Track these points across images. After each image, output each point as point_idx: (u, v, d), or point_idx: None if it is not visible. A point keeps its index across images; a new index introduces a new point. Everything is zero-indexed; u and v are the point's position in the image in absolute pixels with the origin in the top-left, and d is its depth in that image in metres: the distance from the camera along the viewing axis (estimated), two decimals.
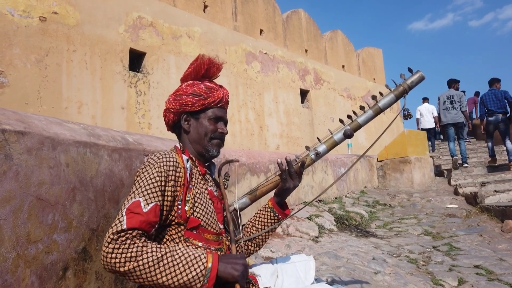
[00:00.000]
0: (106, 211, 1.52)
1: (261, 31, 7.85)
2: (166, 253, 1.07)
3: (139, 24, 5.37)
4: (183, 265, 1.07)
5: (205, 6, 6.71)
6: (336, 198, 5.99)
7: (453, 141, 7.81)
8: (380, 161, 7.85)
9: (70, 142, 1.39)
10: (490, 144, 7.60)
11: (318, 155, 1.45)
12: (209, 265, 1.08)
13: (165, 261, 1.06)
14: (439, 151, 11.04)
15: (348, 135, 1.44)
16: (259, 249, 1.53)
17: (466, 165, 7.80)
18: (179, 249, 1.10)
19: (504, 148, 7.68)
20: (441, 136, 12.54)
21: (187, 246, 1.19)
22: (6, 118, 1.21)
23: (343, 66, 10.37)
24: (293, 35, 8.78)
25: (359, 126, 1.47)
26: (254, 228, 1.50)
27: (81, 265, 1.38)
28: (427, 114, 10.62)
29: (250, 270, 1.37)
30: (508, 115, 7.32)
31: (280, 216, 1.49)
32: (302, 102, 8.55)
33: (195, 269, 1.07)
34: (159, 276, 1.05)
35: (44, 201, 1.23)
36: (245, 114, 6.89)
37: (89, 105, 4.63)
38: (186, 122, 1.38)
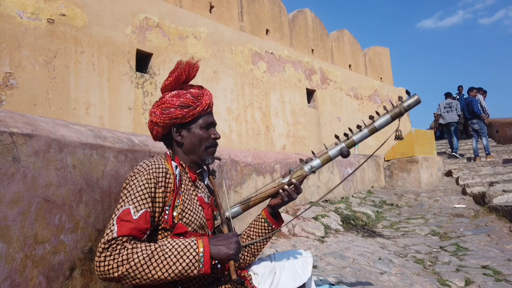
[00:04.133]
0: (112, 212, 1.54)
1: (267, 31, 7.85)
2: (156, 248, 1.08)
3: (145, 25, 5.41)
4: (174, 256, 1.08)
5: (211, 7, 6.73)
6: (342, 198, 5.98)
7: (453, 135, 9.80)
8: (387, 160, 7.81)
9: (76, 144, 1.41)
10: (474, 144, 8.89)
11: (312, 169, 1.51)
12: (201, 249, 1.10)
13: (156, 257, 1.07)
14: (447, 150, 10.99)
15: (344, 154, 1.52)
16: (255, 259, 1.55)
17: (455, 152, 9.80)
18: (168, 242, 1.12)
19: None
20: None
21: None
22: (14, 121, 1.23)
23: (349, 66, 10.33)
24: (299, 34, 8.76)
25: (353, 144, 1.55)
26: (249, 238, 1.53)
27: (88, 265, 1.40)
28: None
29: (250, 269, 1.41)
30: (480, 117, 8.78)
31: (274, 226, 1.52)
32: (309, 101, 8.53)
33: (187, 257, 1.08)
34: (153, 272, 1.06)
35: (51, 202, 1.25)
36: (251, 114, 6.89)
37: (97, 106, 4.68)
38: (178, 134, 1.35)
